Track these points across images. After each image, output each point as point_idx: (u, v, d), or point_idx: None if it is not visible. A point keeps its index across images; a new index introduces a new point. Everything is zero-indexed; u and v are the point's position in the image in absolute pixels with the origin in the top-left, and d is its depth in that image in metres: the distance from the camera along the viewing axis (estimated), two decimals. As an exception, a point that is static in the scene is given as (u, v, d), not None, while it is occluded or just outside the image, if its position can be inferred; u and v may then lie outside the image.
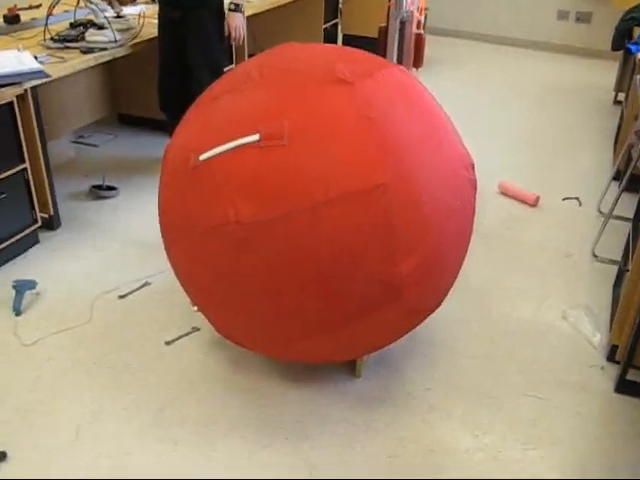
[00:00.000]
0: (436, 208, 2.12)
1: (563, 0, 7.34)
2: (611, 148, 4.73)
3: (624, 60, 5.39)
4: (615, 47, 5.18)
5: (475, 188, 2.40)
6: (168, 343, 2.72)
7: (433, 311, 2.43)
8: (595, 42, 7.11)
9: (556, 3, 7.38)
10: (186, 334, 2.77)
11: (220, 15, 3.74)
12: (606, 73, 6.33)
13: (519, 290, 3.15)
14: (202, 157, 2.10)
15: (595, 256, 3.43)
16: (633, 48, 4.12)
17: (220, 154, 2.07)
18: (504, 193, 4.03)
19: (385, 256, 2.03)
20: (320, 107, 2.07)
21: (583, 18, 7.32)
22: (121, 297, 2.98)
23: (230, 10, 3.76)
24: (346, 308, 2.09)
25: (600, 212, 3.86)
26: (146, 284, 3.07)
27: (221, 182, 2.06)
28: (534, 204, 3.91)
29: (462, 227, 2.30)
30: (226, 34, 3.80)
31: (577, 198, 4.03)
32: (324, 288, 2.04)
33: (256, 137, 2.01)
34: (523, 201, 3.94)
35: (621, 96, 5.55)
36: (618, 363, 2.61)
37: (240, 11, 3.77)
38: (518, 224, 3.73)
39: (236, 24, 3.77)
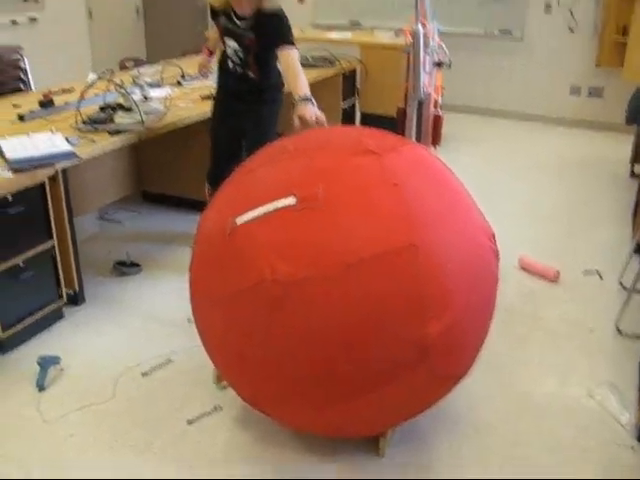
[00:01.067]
0: (463, 272, 2.18)
1: (575, 76, 7.51)
2: (629, 221, 4.74)
3: (638, 134, 5.46)
4: (629, 121, 5.27)
5: (498, 258, 2.45)
6: (190, 422, 2.72)
7: (461, 378, 2.43)
8: (608, 115, 7.23)
9: (568, 79, 7.54)
10: (209, 412, 2.77)
11: (280, 108, 3.87)
12: (621, 146, 6.41)
13: (542, 366, 3.13)
14: (239, 220, 2.18)
15: (619, 331, 3.41)
16: (648, 124, 4.19)
17: (257, 218, 2.16)
18: (524, 268, 4.05)
19: (415, 316, 2.08)
20: (351, 174, 2.20)
21: (595, 93, 7.46)
22: (144, 374, 2.99)
23: (296, 103, 3.40)
24: (376, 369, 2.11)
25: (622, 286, 3.86)
26: (169, 361, 3.08)
27: (257, 244, 2.14)
28: (555, 279, 3.92)
29: (487, 293, 2.35)
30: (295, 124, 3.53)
31: (598, 272, 4.04)
32: (355, 347, 2.07)
33: (292, 200, 2.12)
34: (543, 276, 3.95)
35: (637, 168, 5.61)
36: (648, 442, 2.58)
37: (307, 100, 3.37)
38: (539, 299, 3.74)
39: (307, 114, 3.29)
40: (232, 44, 3.67)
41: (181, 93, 4.51)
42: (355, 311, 2.04)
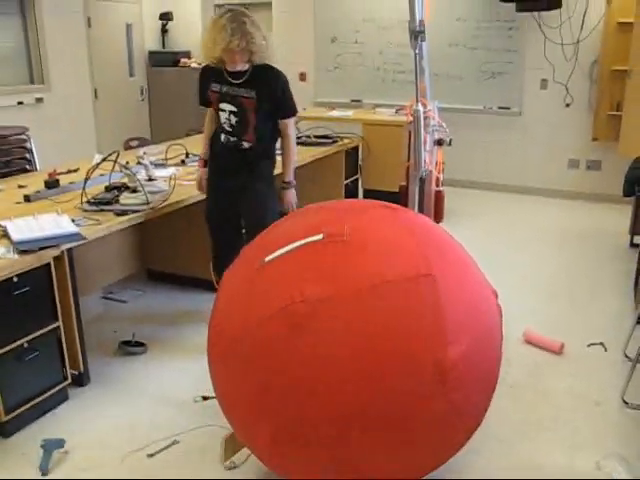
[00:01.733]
0: (473, 305, 2.38)
1: (573, 149, 7.64)
2: (631, 291, 4.76)
3: (636, 206, 5.53)
4: (626, 194, 5.34)
5: (501, 315, 2.60)
6: (196, 503, 2.69)
7: (480, 417, 2.53)
8: (607, 188, 7.33)
9: (566, 152, 7.68)
10: (215, 493, 2.74)
11: (273, 185, 3.94)
12: (620, 217, 6.47)
13: (549, 441, 3.09)
14: (267, 258, 2.33)
15: (625, 403, 3.39)
16: (645, 196, 4.26)
17: (286, 253, 2.35)
18: (529, 342, 4.04)
19: (434, 339, 2.22)
20: (371, 220, 2.52)
21: (593, 166, 7.59)
22: (150, 456, 2.96)
23: (282, 188, 3.94)
24: (396, 399, 2.18)
25: (627, 357, 3.84)
26: (175, 442, 3.05)
27: (286, 271, 2.33)
28: (559, 352, 3.91)
29: (495, 332, 2.53)
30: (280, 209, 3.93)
31: (602, 343, 4.03)
32: (375, 373, 2.16)
33: (320, 236, 2.32)
34: (548, 349, 3.95)
35: (637, 239, 5.65)
36: (658, 517, 2.54)
37: (291, 188, 3.96)
38: (544, 372, 3.72)
39: (290, 200, 3.96)
40: (228, 108, 3.73)
41: (185, 172, 4.60)
42: (377, 331, 2.17)
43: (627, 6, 6.73)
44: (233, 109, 3.71)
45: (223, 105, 3.74)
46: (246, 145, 3.78)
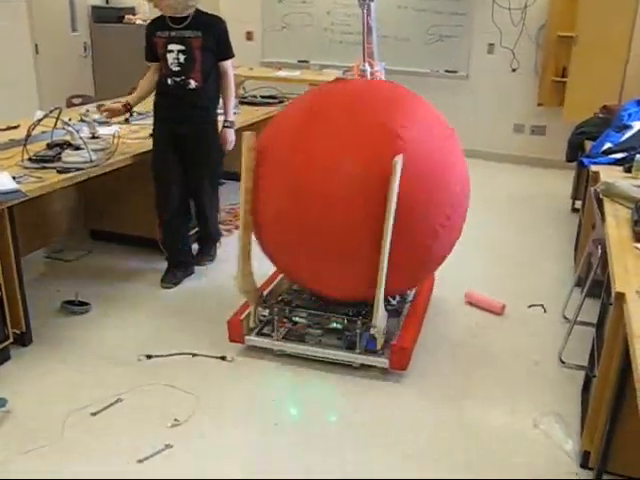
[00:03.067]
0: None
1: (519, 115, 7.74)
2: (572, 255, 4.87)
3: (578, 171, 5.65)
4: (569, 159, 5.44)
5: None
6: (141, 461, 2.68)
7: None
8: (550, 153, 7.44)
9: (512, 117, 7.77)
10: (159, 451, 2.74)
11: (217, 129, 4.19)
12: (562, 182, 6.59)
13: (489, 398, 3.18)
14: None
15: (562, 362, 3.50)
16: (585, 161, 4.33)
17: None
18: (470, 302, 4.13)
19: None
20: None
21: (538, 131, 7.71)
22: (93, 414, 2.94)
23: (225, 127, 4.19)
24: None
25: (565, 318, 3.95)
26: (118, 400, 3.04)
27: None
28: (500, 312, 4.00)
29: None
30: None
31: (542, 305, 4.13)
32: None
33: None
34: (489, 310, 4.03)
35: (578, 204, 5.78)
36: (592, 469, 2.64)
37: (233, 127, 4.23)
38: (485, 333, 3.81)
39: (229, 138, 4.22)
40: (176, 47, 3.91)
41: (129, 130, 4.51)
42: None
43: (574, -27, 6.78)
44: (181, 48, 3.91)
45: (171, 46, 3.91)
46: (193, 84, 3.96)
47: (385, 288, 3.03)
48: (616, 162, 4.18)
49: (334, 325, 3.31)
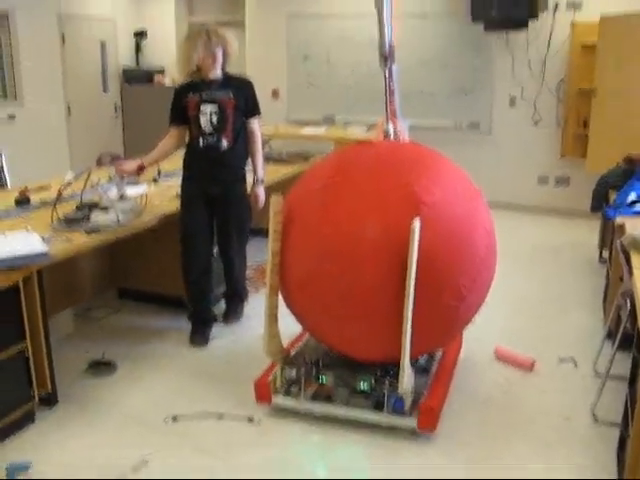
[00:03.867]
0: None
1: (542, 166, 7.76)
2: (601, 306, 4.81)
3: (604, 222, 5.61)
4: (593, 209, 5.41)
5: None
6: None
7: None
8: (576, 203, 7.41)
9: (536, 169, 7.79)
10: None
11: (246, 187, 4.27)
12: (589, 232, 6.55)
13: (520, 457, 3.11)
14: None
15: (595, 418, 3.42)
16: (611, 213, 4.31)
17: None
18: (500, 359, 4.07)
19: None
20: None
21: (562, 182, 7.71)
22: (119, 479, 2.93)
23: (255, 183, 4.27)
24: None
25: (596, 372, 3.88)
26: (145, 463, 3.01)
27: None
28: (531, 368, 3.94)
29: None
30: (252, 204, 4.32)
31: (572, 359, 4.07)
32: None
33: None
34: (519, 366, 3.97)
35: (605, 253, 5.72)
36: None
37: (263, 184, 4.30)
38: (515, 390, 3.74)
39: (260, 196, 4.28)
40: (209, 109, 3.97)
41: (157, 190, 4.58)
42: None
43: (590, 29, 6.87)
44: (214, 109, 3.98)
45: (204, 107, 3.98)
46: (225, 144, 4.02)
47: (411, 350, 3.02)
48: (641, 213, 4.16)
49: (361, 386, 3.28)
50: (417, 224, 2.89)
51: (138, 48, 9.46)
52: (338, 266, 3.02)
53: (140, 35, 9.35)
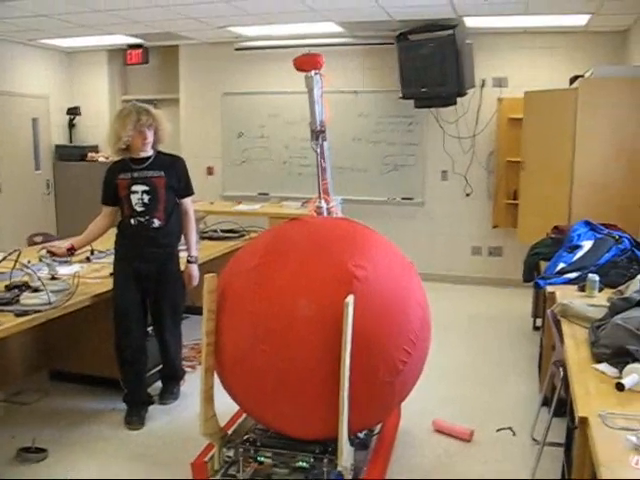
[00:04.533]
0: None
1: (476, 237, 7.95)
2: (536, 374, 4.89)
3: (536, 291, 5.75)
4: (526, 279, 5.53)
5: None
6: None
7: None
8: (509, 273, 7.60)
9: (469, 240, 7.98)
10: None
11: (179, 266, 4.26)
12: (523, 301, 6.68)
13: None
14: None
15: (535, 487, 3.44)
16: (541, 283, 4.42)
17: None
18: (438, 430, 4.07)
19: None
20: None
21: (495, 252, 7.90)
22: None
23: (189, 262, 4.27)
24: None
25: (534, 440, 3.91)
26: None
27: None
28: (469, 439, 3.95)
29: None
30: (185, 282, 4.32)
31: (510, 428, 4.10)
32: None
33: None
34: (458, 437, 3.98)
35: (539, 322, 5.84)
36: None
37: (196, 262, 4.31)
38: (455, 461, 3.74)
39: (194, 274, 4.29)
40: (140, 188, 3.98)
41: (90, 270, 4.52)
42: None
43: (516, 104, 7.19)
44: (145, 188, 3.98)
45: (135, 187, 3.99)
46: (157, 223, 4.02)
47: (349, 427, 2.99)
48: (570, 281, 4.28)
49: (300, 464, 3.23)
50: (351, 300, 2.90)
51: (71, 125, 9.44)
52: (272, 345, 2.99)
53: (73, 112, 9.33)
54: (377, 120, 8.06)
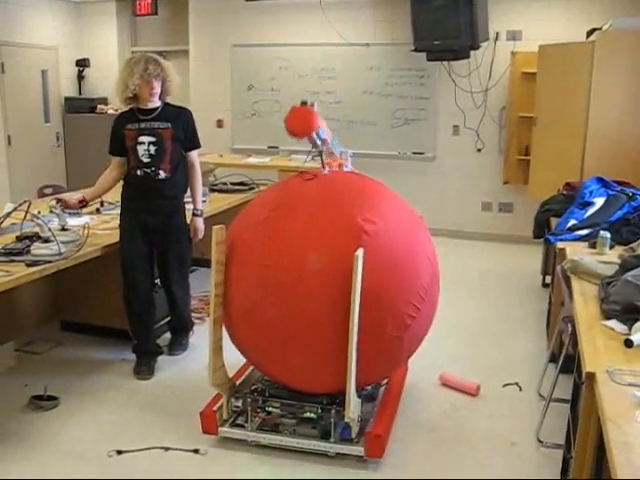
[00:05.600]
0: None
1: (486, 193, 7.90)
2: (544, 331, 4.90)
3: (546, 248, 5.73)
4: (536, 236, 5.51)
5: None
6: None
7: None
8: (519, 229, 7.56)
9: (479, 196, 7.93)
10: None
11: (185, 218, 4.25)
12: (532, 258, 6.67)
13: (469, 484, 3.13)
14: None
15: (540, 442, 3.46)
16: (551, 239, 4.39)
17: None
18: (445, 384, 4.10)
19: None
20: None
21: (505, 208, 7.85)
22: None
23: (195, 215, 4.25)
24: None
25: (540, 396, 3.94)
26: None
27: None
28: (475, 393, 3.97)
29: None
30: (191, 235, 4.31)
31: (517, 383, 4.12)
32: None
33: None
34: (464, 391, 4.01)
35: (548, 279, 5.83)
36: None
37: (202, 216, 4.30)
38: (461, 415, 3.77)
39: (199, 227, 4.29)
40: (147, 139, 3.97)
41: (100, 221, 4.52)
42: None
43: (530, 57, 7.06)
44: (152, 139, 3.97)
45: (142, 138, 3.97)
46: (162, 175, 4.01)
47: (357, 380, 3.02)
48: (581, 238, 4.25)
49: (308, 414, 3.27)
50: (360, 253, 2.90)
51: (80, 77, 9.37)
52: (281, 298, 3.01)
53: (82, 64, 9.26)
54: (388, 73, 7.96)
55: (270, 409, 3.33)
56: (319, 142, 3.56)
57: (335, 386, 3.13)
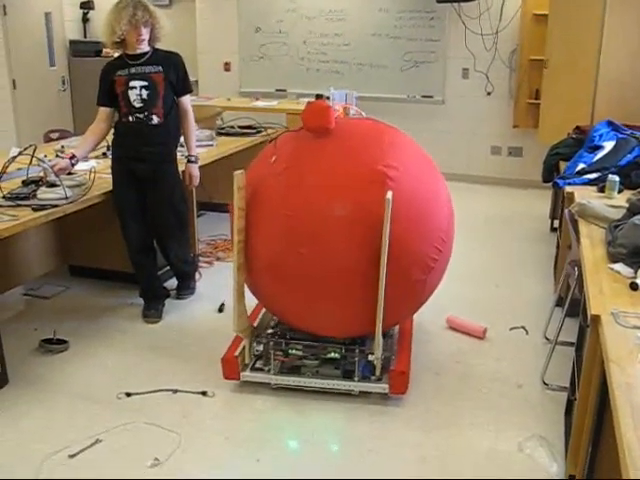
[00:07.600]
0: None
1: (495, 137, 7.81)
2: (552, 275, 4.90)
3: (555, 192, 5.69)
4: (545, 180, 5.47)
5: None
6: (121, 502, 2.65)
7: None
8: (528, 174, 7.51)
9: (489, 140, 7.85)
10: (140, 491, 2.70)
11: (177, 167, 4.17)
12: (541, 202, 6.64)
13: (474, 425, 3.16)
14: None
15: (545, 384, 3.50)
16: (560, 182, 4.36)
17: None
18: (452, 327, 4.12)
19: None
20: None
21: (515, 152, 7.78)
22: (71, 456, 2.89)
23: (189, 162, 4.20)
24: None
25: (547, 339, 3.96)
26: (97, 441, 2.99)
27: None
28: (482, 336, 4.00)
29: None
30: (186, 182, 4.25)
31: (523, 327, 4.14)
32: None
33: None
34: (471, 334, 4.03)
35: (556, 223, 5.81)
36: (576, 493, 2.63)
37: (197, 162, 4.25)
38: (468, 358, 3.80)
39: (194, 173, 4.23)
40: (139, 84, 3.90)
41: (106, 165, 4.49)
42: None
43: (541, -1, 6.91)
44: (144, 84, 3.91)
45: (133, 83, 3.91)
46: (155, 120, 3.95)
47: (383, 324, 3.06)
48: (590, 182, 4.22)
49: (331, 355, 3.30)
50: (390, 196, 2.91)
51: (85, 19, 9.23)
52: (304, 246, 3.01)
53: (87, 6, 9.11)
54: (397, 15, 7.79)
55: (293, 352, 3.35)
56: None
57: (359, 330, 3.20)
